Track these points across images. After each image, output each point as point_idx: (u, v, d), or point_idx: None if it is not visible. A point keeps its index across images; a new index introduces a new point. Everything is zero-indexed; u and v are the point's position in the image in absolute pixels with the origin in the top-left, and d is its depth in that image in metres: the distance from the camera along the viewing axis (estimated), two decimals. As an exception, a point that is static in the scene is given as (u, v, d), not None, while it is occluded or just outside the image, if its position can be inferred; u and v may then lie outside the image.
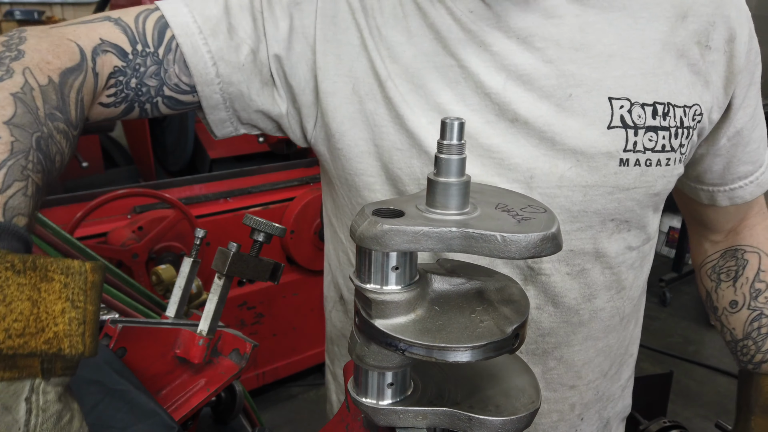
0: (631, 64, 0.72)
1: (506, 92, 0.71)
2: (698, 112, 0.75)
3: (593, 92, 0.71)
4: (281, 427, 2.93)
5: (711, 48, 0.75)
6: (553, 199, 0.74)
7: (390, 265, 0.54)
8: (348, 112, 0.75)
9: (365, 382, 0.59)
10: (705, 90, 0.76)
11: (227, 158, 3.37)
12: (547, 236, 0.51)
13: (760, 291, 0.91)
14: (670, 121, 0.73)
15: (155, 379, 1.02)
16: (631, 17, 0.72)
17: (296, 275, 2.95)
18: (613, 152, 0.72)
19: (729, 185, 0.89)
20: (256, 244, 1.06)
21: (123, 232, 2.36)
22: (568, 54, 0.71)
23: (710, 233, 0.99)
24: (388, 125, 0.74)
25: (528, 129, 0.71)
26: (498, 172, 0.73)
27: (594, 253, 0.77)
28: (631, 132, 0.72)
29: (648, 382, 2.58)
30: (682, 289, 4.38)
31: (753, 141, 0.85)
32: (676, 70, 0.74)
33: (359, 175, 0.78)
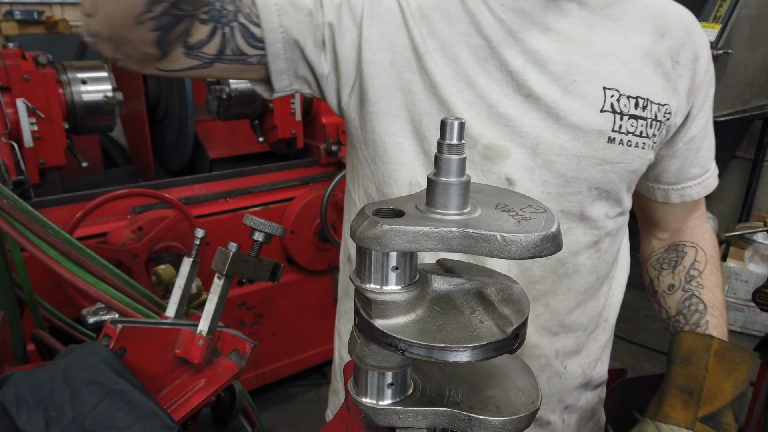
0: (622, 64, 0.88)
1: (525, 72, 0.86)
2: (668, 111, 0.93)
3: (592, 81, 0.87)
4: (281, 427, 2.93)
5: (680, 63, 0.93)
6: (553, 164, 0.89)
7: (390, 265, 0.54)
8: (385, 80, 0.88)
9: (365, 382, 0.59)
10: (673, 96, 0.93)
11: (227, 158, 3.37)
12: (548, 236, 0.51)
13: (693, 277, 1.07)
14: (647, 113, 0.90)
15: (155, 379, 1.02)
16: (624, 28, 0.90)
17: (296, 275, 2.95)
18: (604, 131, 0.88)
19: (681, 184, 1.07)
20: (256, 244, 1.06)
21: (123, 232, 2.36)
22: (575, 48, 0.87)
23: (658, 231, 1.17)
24: (421, 93, 0.87)
25: (539, 104, 0.87)
26: (510, 138, 0.87)
27: (579, 215, 0.93)
28: (618, 117, 0.88)
29: (648, 382, 2.58)
30: (682, 289, 4.39)
31: (703, 148, 1.04)
32: (654, 75, 0.91)
33: (389, 135, 0.90)
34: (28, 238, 1.15)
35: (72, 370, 0.89)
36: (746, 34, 3.94)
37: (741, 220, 4.48)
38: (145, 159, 3.28)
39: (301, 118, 2.96)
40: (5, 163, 2.15)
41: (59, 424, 0.84)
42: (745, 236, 2.11)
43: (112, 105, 2.56)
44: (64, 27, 5.25)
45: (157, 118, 3.29)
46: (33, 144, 2.34)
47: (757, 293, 1.91)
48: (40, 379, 0.88)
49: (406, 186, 0.92)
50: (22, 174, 2.21)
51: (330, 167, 3.04)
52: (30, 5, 5.20)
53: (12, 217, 1.16)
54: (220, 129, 3.38)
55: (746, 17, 3.88)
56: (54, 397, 0.86)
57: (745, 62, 4.02)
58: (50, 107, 2.38)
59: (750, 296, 2.17)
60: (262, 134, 3.02)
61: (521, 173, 0.89)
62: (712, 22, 3.84)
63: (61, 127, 2.42)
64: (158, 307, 1.30)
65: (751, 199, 4.58)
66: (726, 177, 4.86)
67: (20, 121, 2.30)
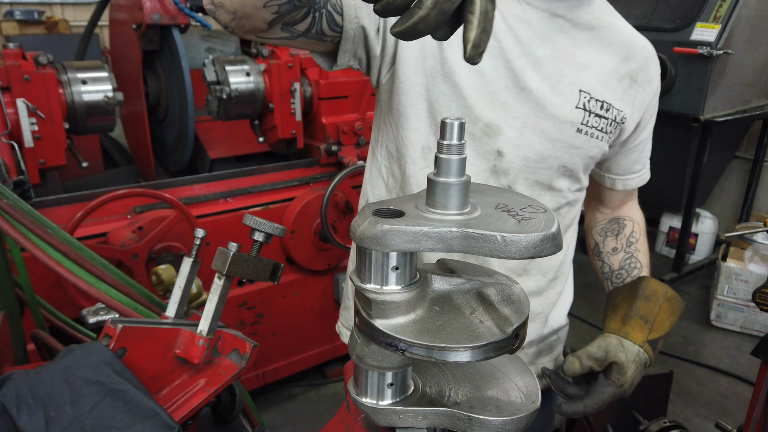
0: (595, 74, 1.13)
1: (524, 70, 1.08)
2: (624, 116, 1.18)
3: (572, 84, 1.11)
4: (281, 427, 2.92)
5: (637, 83, 1.18)
6: (534, 144, 1.12)
7: (390, 265, 0.54)
8: (413, 64, 1.09)
9: (365, 382, 0.59)
10: (629, 106, 1.18)
11: (227, 158, 3.36)
12: (547, 236, 0.51)
13: (632, 243, 1.36)
14: (609, 114, 1.15)
15: (155, 379, 1.02)
16: (601, 48, 1.14)
17: (296, 275, 2.95)
18: (575, 122, 1.12)
19: (626, 176, 1.33)
20: (256, 244, 1.06)
21: (123, 232, 2.36)
22: (564, 57, 1.11)
23: (603, 207, 1.44)
24: (440, 77, 1.09)
25: (530, 96, 1.09)
26: (505, 120, 1.10)
27: (548, 186, 1.18)
28: (587, 114, 1.13)
29: (648, 382, 2.58)
30: (682, 289, 4.38)
31: (646, 150, 1.32)
32: (617, 87, 1.15)
33: (411, 107, 1.13)
34: (29, 238, 1.15)
35: (72, 370, 0.90)
36: (746, 34, 3.94)
37: (741, 220, 4.48)
38: (145, 159, 3.28)
39: (301, 118, 2.96)
40: (5, 163, 2.15)
41: (59, 424, 0.84)
42: (745, 236, 2.10)
43: (113, 105, 2.56)
44: (64, 27, 5.25)
45: (157, 118, 3.29)
46: (33, 144, 2.34)
47: (757, 293, 1.91)
48: (40, 379, 0.88)
49: (419, 148, 1.15)
50: (22, 174, 2.21)
51: (330, 167, 3.03)
52: (30, 5, 5.19)
53: (12, 217, 1.16)
54: (220, 129, 3.38)
55: (746, 17, 3.88)
56: (54, 397, 0.86)
57: (745, 62, 4.02)
58: (50, 107, 2.38)
59: (750, 296, 2.17)
60: (262, 134, 3.02)
61: (509, 148, 1.11)
62: (712, 22, 3.84)
63: (62, 127, 2.42)
64: (158, 307, 1.30)
65: (751, 199, 4.58)
66: (726, 177, 4.86)
67: (20, 121, 2.30)
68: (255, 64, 2.85)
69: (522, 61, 1.08)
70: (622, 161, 1.30)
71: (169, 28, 2.89)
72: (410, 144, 1.15)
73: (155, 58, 3.12)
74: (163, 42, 2.99)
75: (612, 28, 1.17)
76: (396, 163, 1.19)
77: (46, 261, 1.13)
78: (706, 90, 3.83)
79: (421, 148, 1.14)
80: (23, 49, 2.47)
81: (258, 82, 2.82)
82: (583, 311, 4.07)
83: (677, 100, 3.95)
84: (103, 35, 5.10)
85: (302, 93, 2.94)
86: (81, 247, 1.26)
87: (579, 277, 1.27)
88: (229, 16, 0.94)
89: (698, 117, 3.84)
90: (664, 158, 4.35)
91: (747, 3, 3.83)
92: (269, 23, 0.93)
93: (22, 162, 2.26)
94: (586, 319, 3.96)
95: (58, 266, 1.15)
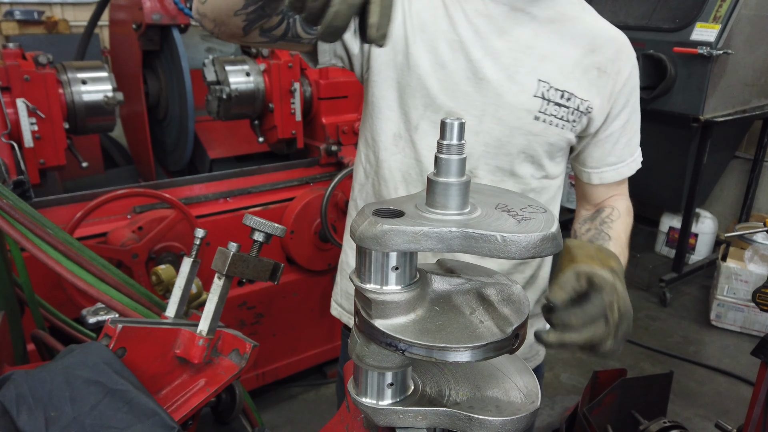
0: (555, 65, 1.18)
1: (482, 62, 1.16)
2: (590, 106, 1.21)
3: (530, 74, 1.16)
4: (281, 427, 2.92)
5: (606, 73, 1.22)
6: (492, 131, 1.18)
7: (390, 265, 0.54)
8: (385, 59, 1.20)
9: (365, 382, 0.59)
10: (596, 96, 1.21)
11: (227, 158, 3.36)
12: (547, 236, 0.51)
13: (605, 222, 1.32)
14: (570, 103, 1.19)
15: (155, 379, 1.02)
16: (562, 40, 1.19)
17: (296, 275, 2.95)
18: (532, 110, 1.18)
19: (600, 169, 1.33)
20: (256, 244, 1.06)
21: (123, 232, 2.36)
22: (522, 48, 1.17)
23: (587, 204, 1.44)
24: (407, 70, 1.18)
25: (489, 86, 1.16)
26: (465, 108, 1.18)
27: (510, 171, 1.22)
28: (545, 102, 1.17)
29: (648, 382, 2.59)
30: (682, 289, 4.37)
31: (619, 143, 1.30)
32: (581, 78, 1.19)
33: (384, 99, 1.23)
34: (28, 238, 1.15)
35: (72, 370, 0.90)
36: (746, 34, 3.94)
37: (741, 220, 4.48)
38: (145, 159, 3.28)
39: (301, 118, 2.96)
40: (5, 163, 2.15)
41: (59, 424, 0.84)
42: (745, 236, 2.10)
43: (112, 105, 2.56)
44: (64, 27, 5.25)
45: (157, 118, 3.29)
46: (33, 144, 2.34)
47: (757, 293, 1.91)
48: (40, 379, 0.88)
49: (391, 136, 1.24)
50: (22, 174, 2.21)
51: (330, 167, 3.03)
52: (30, 5, 5.19)
53: (12, 217, 1.16)
54: (220, 129, 3.38)
55: (746, 17, 3.87)
56: (54, 397, 0.86)
57: (745, 62, 4.02)
58: (50, 107, 2.38)
59: (750, 296, 2.16)
60: (262, 134, 3.02)
61: (469, 135, 1.18)
62: (712, 22, 3.84)
63: (62, 127, 2.42)
64: (158, 307, 1.30)
65: (751, 199, 4.58)
66: (726, 177, 4.86)
67: (20, 121, 2.30)
68: (255, 64, 2.85)
69: (480, 53, 1.16)
70: (594, 153, 1.31)
71: (169, 28, 2.89)
72: (383, 132, 1.25)
73: (155, 58, 3.12)
74: (163, 42, 2.99)
75: (577, 21, 1.22)
76: (371, 149, 1.29)
77: (46, 261, 1.13)
78: (706, 90, 3.83)
79: (393, 135, 1.24)
80: (23, 49, 2.47)
81: (258, 82, 2.82)
82: (583, 311, 4.06)
83: (677, 100, 3.94)
84: (103, 35, 5.10)
85: (302, 93, 2.94)
86: (81, 247, 1.26)
87: (579, 278, 1.30)
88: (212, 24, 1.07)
89: (698, 117, 3.84)
90: (664, 158, 4.35)
91: (747, 3, 3.83)
92: (243, 29, 1.02)
93: (21, 162, 2.26)
94: (586, 319, 3.96)
95: (58, 266, 1.15)
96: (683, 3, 4.07)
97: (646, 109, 4.75)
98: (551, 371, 3.44)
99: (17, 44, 2.45)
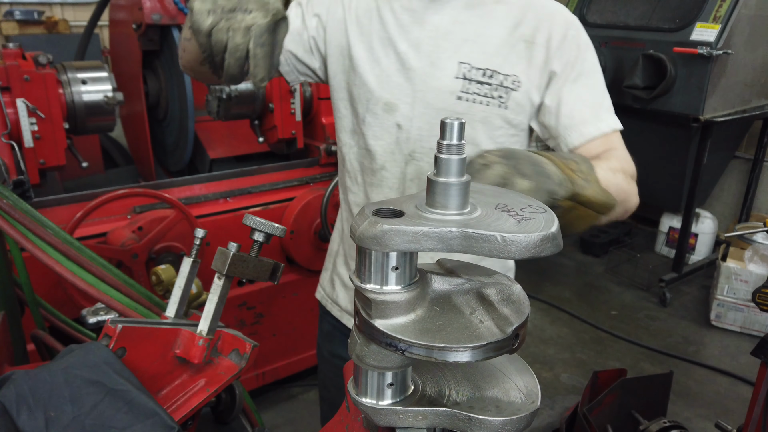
0: (477, 46, 1.24)
1: (407, 54, 1.26)
2: (517, 80, 1.23)
3: (451, 58, 1.24)
4: (281, 427, 2.92)
5: (535, 43, 1.24)
6: (423, 115, 1.26)
7: (390, 265, 0.54)
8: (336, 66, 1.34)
9: (365, 382, 0.59)
10: (528, 68, 1.24)
11: (227, 158, 3.36)
12: (547, 236, 0.51)
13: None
14: (492, 80, 1.23)
15: (155, 379, 1.02)
16: (484, 20, 1.25)
17: (296, 275, 2.95)
18: (455, 91, 1.24)
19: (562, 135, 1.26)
20: (256, 244, 1.06)
21: (123, 232, 2.36)
22: (442, 35, 1.25)
23: None
24: (352, 71, 1.32)
25: (415, 74, 1.26)
26: (398, 97, 1.27)
27: None
28: (467, 82, 1.23)
29: (648, 382, 2.59)
30: (682, 289, 4.38)
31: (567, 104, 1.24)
32: (508, 54, 1.23)
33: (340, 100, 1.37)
34: (28, 238, 1.15)
35: (72, 370, 0.90)
36: (746, 34, 3.94)
37: (741, 220, 4.48)
38: (145, 159, 3.28)
39: (301, 118, 2.96)
40: (5, 163, 2.15)
41: (59, 424, 0.84)
42: (745, 236, 2.10)
43: (112, 105, 2.56)
44: (64, 27, 5.25)
45: (157, 118, 3.29)
46: (33, 144, 2.34)
47: (757, 293, 1.91)
48: (40, 379, 0.88)
49: (349, 132, 1.37)
50: (22, 174, 2.21)
51: (330, 167, 3.03)
52: (30, 5, 5.19)
53: (12, 217, 1.16)
54: (220, 129, 3.38)
55: (746, 17, 3.87)
56: (54, 397, 0.86)
57: (745, 62, 4.02)
58: (50, 107, 2.38)
59: (750, 296, 2.16)
60: (262, 134, 3.02)
61: (405, 121, 1.27)
62: (712, 22, 3.84)
63: (61, 127, 2.42)
64: (158, 307, 1.30)
65: (751, 199, 4.58)
66: (726, 177, 4.86)
67: (20, 121, 2.30)
68: (255, 64, 2.85)
69: (405, 45, 1.26)
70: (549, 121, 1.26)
71: (169, 28, 2.89)
72: (343, 129, 1.39)
73: (155, 58, 3.12)
74: (163, 42, 2.99)
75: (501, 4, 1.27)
76: (339, 148, 1.44)
77: (46, 261, 1.13)
78: (705, 90, 3.83)
79: (350, 131, 1.37)
80: (23, 49, 2.47)
81: (258, 82, 2.82)
82: (583, 311, 4.07)
83: (677, 100, 3.94)
84: (103, 35, 5.10)
85: (302, 93, 2.94)
86: (81, 247, 1.26)
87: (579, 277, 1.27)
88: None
89: (698, 117, 3.84)
90: (664, 158, 4.35)
91: (747, 3, 3.83)
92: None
93: (21, 162, 2.26)
94: (585, 319, 3.97)
95: (58, 266, 1.15)
96: (683, 3, 4.07)
97: (646, 109, 4.75)
98: (551, 371, 3.44)
99: (17, 44, 2.45)
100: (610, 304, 4.21)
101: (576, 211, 0.89)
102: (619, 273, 4.54)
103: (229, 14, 0.96)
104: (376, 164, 1.32)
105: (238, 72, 0.97)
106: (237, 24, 0.95)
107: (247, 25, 0.94)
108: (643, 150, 4.93)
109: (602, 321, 3.97)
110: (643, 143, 4.43)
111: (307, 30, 1.36)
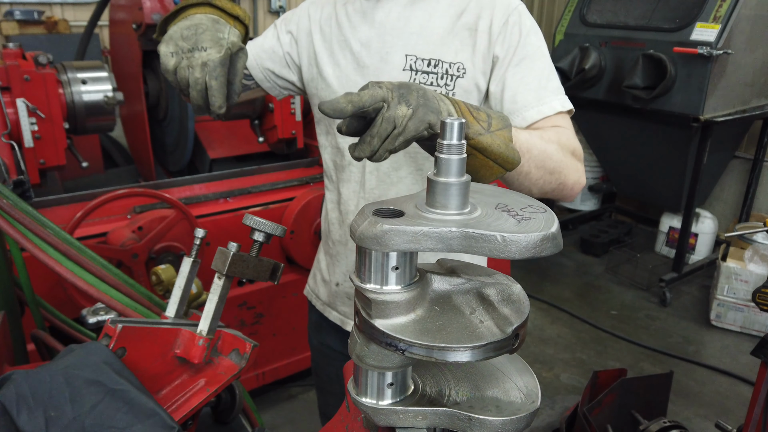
0: (422, 38, 1.29)
1: (360, 52, 1.34)
2: (461, 67, 1.28)
3: (398, 52, 1.30)
4: (281, 427, 2.92)
5: (477, 30, 1.28)
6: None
7: (390, 265, 0.54)
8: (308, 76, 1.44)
9: (365, 382, 0.59)
10: (472, 55, 1.28)
11: (227, 158, 3.36)
12: (547, 236, 0.51)
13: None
14: (437, 69, 1.28)
15: (155, 379, 1.02)
16: (428, 13, 1.31)
17: (296, 275, 2.95)
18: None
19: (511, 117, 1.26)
20: (256, 244, 1.06)
21: (123, 232, 2.36)
22: (389, 31, 1.32)
23: None
24: (319, 78, 1.40)
25: (369, 71, 1.33)
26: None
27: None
28: (414, 73, 1.29)
29: (648, 382, 2.59)
30: (682, 289, 4.38)
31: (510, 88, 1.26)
32: (451, 43, 1.28)
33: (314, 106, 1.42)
34: (28, 238, 1.15)
35: (72, 370, 0.90)
36: (746, 34, 3.94)
37: (741, 220, 4.48)
38: (145, 159, 3.28)
39: (301, 118, 2.96)
40: (5, 163, 2.15)
41: (59, 424, 0.84)
42: (745, 236, 2.10)
43: (112, 105, 2.56)
44: (64, 27, 5.24)
45: (157, 118, 3.29)
46: (33, 144, 2.34)
47: (757, 293, 1.91)
48: (40, 379, 0.88)
49: (324, 134, 1.46)
50: (22, 174, 2.21)
51: (330, 167, 3.04)
52: (30, 5, 5.19)
53: (12, 217, 1.16)
54: (220, 129, 3.38)
55: (746, 17, 3.87)
56: (54, 397, 0.86)
57: (745, 62, 4.02)
58: (50, 107, 2.38)
59: (750, 296, 2.16)
60: (262, 134, 3.02)
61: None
62: (711, 22, 3.84)
63: (61, 127, 2.42)
64: (158, 307, 1.30)
65: (751, 199, 4.58)
66: (726, 177, 4.86)
67: (20, 121, 2.30)
68: (255, 64, 2.85)
69: (358, 45, 1.34)
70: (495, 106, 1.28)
71: (169, 28, 2.88)
72: (320, 131, 1.49)
73: (155, 58, 3.12)
74: (163, 42, 2.98)
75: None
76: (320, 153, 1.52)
77: (46, 261, 1.13)
78: (705, 90, 3.83)
79: (325, 133, 1.46)
80: (23, 49, 2.47)
81: (258, 82, 2.82)
82: (583, 311, 4.07)
83: (677, 100, 3.94)
84: (103, 35, 5.10)
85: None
86: (81, 247, 1.26)
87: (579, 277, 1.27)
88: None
89: (698, 117, 3.84)
90: (664, 158, 4.35)
91: (747, 3, 3.83)
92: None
93: (21, 162, 2.26)
94: (586, 319, 3.97)
95: (58, 266, 1.15)
96: (683, 3, 4.07)
97: (646, 109, 4.74)
98: (551, 371, 3.44)
99: (17, 44, 2.45)
100: (610, 304, 4.21)
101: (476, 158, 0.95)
102: (619, 273, 4.54)
103: (188, 53, 1.09)
104: (345, 161, 1.41)
105: (203, 103, 1.09)
106: (195, 61, 1.07)
107: (203, 62, 1.06)
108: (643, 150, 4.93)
109: (602, 321, 3.97)
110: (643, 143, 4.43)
111: (281, 47, 1.47)
